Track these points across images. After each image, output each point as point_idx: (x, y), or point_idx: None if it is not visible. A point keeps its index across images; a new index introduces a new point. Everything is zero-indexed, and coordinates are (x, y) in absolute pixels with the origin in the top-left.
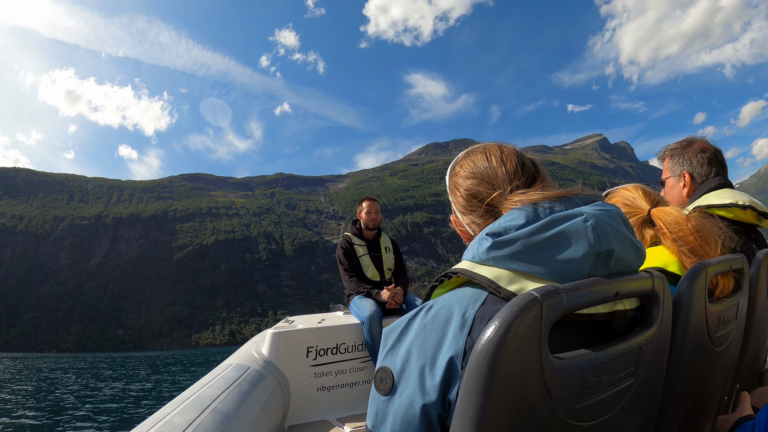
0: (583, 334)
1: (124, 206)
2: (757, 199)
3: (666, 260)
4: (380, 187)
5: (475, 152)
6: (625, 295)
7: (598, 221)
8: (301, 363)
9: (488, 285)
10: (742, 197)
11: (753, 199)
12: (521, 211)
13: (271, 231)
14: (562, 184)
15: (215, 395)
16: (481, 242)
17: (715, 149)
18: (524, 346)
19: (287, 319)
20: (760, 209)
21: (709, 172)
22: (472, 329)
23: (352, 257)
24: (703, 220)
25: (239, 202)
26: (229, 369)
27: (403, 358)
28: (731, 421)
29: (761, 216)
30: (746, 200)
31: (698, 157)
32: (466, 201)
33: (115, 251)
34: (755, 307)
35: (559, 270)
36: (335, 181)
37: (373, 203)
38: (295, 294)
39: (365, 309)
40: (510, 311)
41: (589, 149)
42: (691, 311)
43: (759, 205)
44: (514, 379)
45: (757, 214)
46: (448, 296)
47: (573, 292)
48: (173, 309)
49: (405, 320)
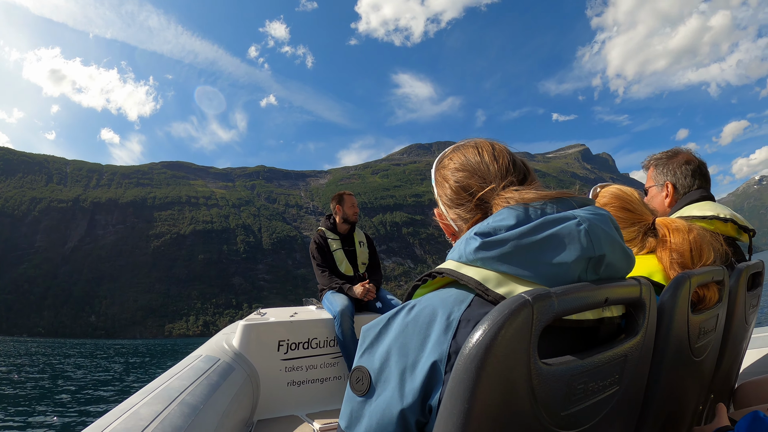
0: (569, 340)
1: (103, 191)
2: None
3: (651, 269)
4: (361, 185)
5: (466, 146)
6: (614, 302)
7: (591, 225)
8: (271, 356)
9: (476, 287)
10: (724, 210)
11: (734, 213)
12: (512, 211)
13: (250, 223)
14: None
15: (184, 387)
16: (469, 242)
17: (700, 162)
18: (514, 350)
19: (259, 311)
20: (740, 223)
21: (692, 184)
22: (457, 332)
23: (326, 252)
24: (704, 233)
25: (219, 193)
26: (198, 360)
27: (382, 358)
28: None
29: (741, 230)
30: (727, 213)
31: (682, 168)
32: (455, 193)
33: (92, 236)
34: (733, 319)
35: (549, 274)
36: (316, 176)
37: (353, 197)
38: (270, 288)
39: (337, 304)
40: (500, 314)
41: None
42: (673, 320)
43: (739, 218)
44: (501, 385)
45: (737, 227)
46: (431, 296)
47: (564, 296)
48: (148, 297)
49: (385, 319)
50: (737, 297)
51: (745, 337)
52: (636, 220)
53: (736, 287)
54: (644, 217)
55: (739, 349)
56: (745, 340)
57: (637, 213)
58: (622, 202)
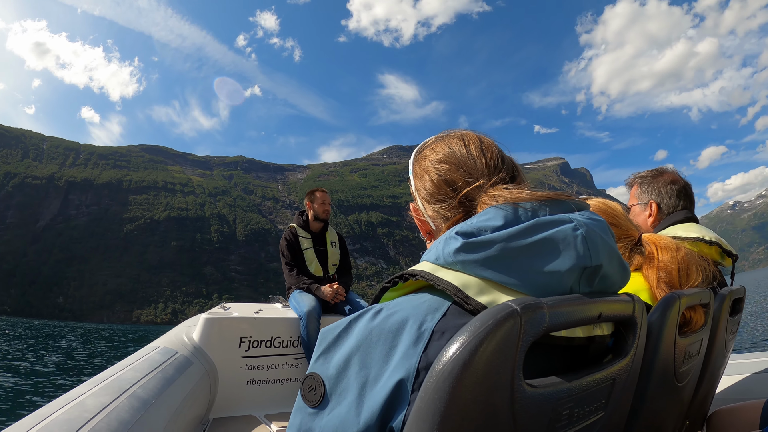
0: (555, 358)
1: (79, 170)
2: None
3: (638, 287)
4: (339, 183)
5: (451, 137)
6: (607, 318)
7: (589, 231)
8: (232, 353)
9: (454, 293)
10: (709, 233)
11: (719, 237)
12: (500, 211)
13: (225, 213)
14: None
15: (136, 378)
16: (449, 242)
17: (685, 182)
18: (495, 368)
19: (223, 305)
20: (725, 247)
21: (677, 204)
22: (428, 345)
23: (296, 250)
24: (692, 252)
25: (196, 180)
26: (155, 352)
27: (339, 366)
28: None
29: (725, 254)
30: (713, 236)
31: (668, 188)
32: (436, 188)
33: (64, 215)
34: (714, 344)
35: (538, 283)
36: (295, 171)
37: (326, 194)
38: (242, 279)
39: (304, 304)
40: (483, 324)
41: (549, 171)
42: (661, 342)
43: (724, 243)
44: (478, 409)
45: (721, 251)
46: (401, 301)
47: (556, 308)
48: (117, 282)
49: (346, 321)
50: (720, 322)
51: (723, 363)
52: (622, 236)
53: (720, 312)
54: (630, 232)
55: (717, 375)
56: (723, 366)
57: (622, 228)
58: (606, 216)
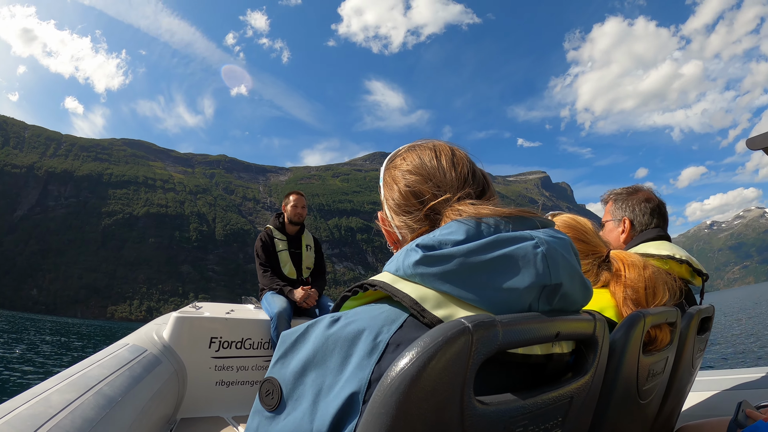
0: (512, 375)
1: (59, 161)
2: None
3: (603, 304)
4: (321, 187)
5: (423, 147)
6: (565, 337)
7: (550, 249)
8: (202, 353)
9: (411, 305)
10: (680, 251)
11: (689, 255)
12: (461, 225)
13: (205, 212)
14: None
15: (103, 376)
16: (410, 254)
17: (660, 201)
18: (445, 384)
19: (194, 305)
20: (695, 266)
21: (650, 222)
22: (382, 357)
23: (270, 251)
24: (659, 269)
25: (177, 178)
26: (123, 349)
27: (296, 372)
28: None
29: (695, 273)
30: (683, 255)
31: (641, 205)
32: (403, 199)
33: (42, 206)
34: (680, 362)
35: (497, 299)
36: (277, 173)
37: (300, 197)
38: (219, 279)
39: (275, 306)
40: (432, 340)
41: (530, 184)
42: (624, 361)
43: (694, 261)
44: (427, 424)
45: (691, 270)
46: (360, 311)
47: (511, 326)
48: (93, 276)
49: (304, 326)
50: (687, 340)
51: (689, 380)
52: (590, 252)
53: (687, 331)
54: (598, 248)
55: (683, 392)
56: (690, 383)
57: (591, 244)
58: (575, 232)
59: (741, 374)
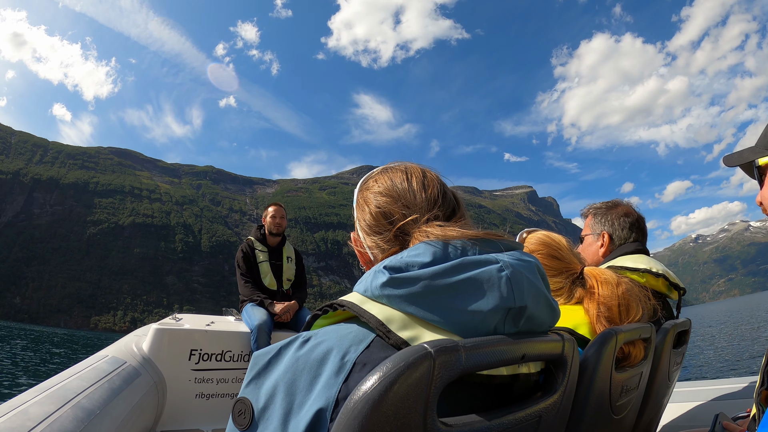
0: (478, 395)
1: (45, 168)
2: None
3: (577, 321)
4: (307, 199)
5: (395, 170)
6: (532, 359)
7: (515, 273)
8: (182, 365)
9: (377, 326)
10: (657, 265)
11: (666, 269)
12: (429, 247)
13: (191, 223)
14: (484, 228)
15: (82, 388)
16: (377, 275)
17: (639, 216)
18: (407, 408)
19: (174, 316)
20: (672, 279)
21: (629, 236)
22: (349, 376)
23: (251, 262)
24: (632, 286)
25: (164, 188)
26: (102, 361)
27: (267, 393)
28: None
29: (672, 287)
30: (660, 269)
31: (621, 220)
32: (374, 219)
33: (27, 213)
34: (656, 377)
35: (462, 321)
36: (264, 185)
37: (279, 209)
38: (204, 291)
39: (256, 318)
40: (394, 365)
41: (517, 199)
42: (595, 378)
43: (671, 275)
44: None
45: (668, 284)
46: (328, 330)
47: (474, 350)
48: (76, 285)
49: (276, 348)
50: (662, 355)
51: (666, 393)
52: (564, 269)
53: (662, 345)
54: (572, 265)
55: (660, 404)
56: (667, 396)
57: (565, 261)
58: (549, 249)
59: (720, 385)
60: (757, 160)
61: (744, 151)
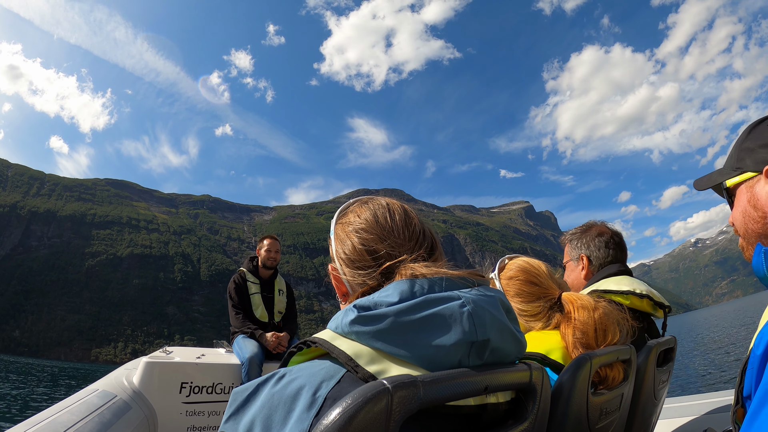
0: (447, 426)
1: (42, 200)
2: (668, 276)
3: (551, 346)
4: (305, 225)
5: (376, 204)
6: (495, 389)
7: (476, 308)
8: (173, 398)
9: (346, 362)
10: (640, 285)
11: (650, 289)
12: (397, 286)
13: (189, 253)
14: (484, 246)
15: (71, 422)
16: (347, 313)
17: (613, 232)
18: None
19: (165, 349)
20: (656, 299)
21: (607, 255)
22: (320, 411)
23: (243, 294)
24: (610, 309)
25: (161, 218)
26: (93, 395)
27: (246, 427)
28: None
29: (656, 306)
30: (643, 289)
31: (595, 240)
32: (357, 254)
33: (25, 246)
34: (641, 395)
35: (426, 355)
36: (261, 212)
37: (275, 242)
38: (205, 320)
39: (247, 350)
40: (354, 401)
41: (514, 214)
42: (570, 403)
43: (655, 294)
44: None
45: (653, 303)
46: (302, 368)
47: (434, 384)
48: (76, 318)
49: (254, 384)
50: (646, 374)
51: (654, 411)
52: (542, 295)
53: (645, 364)
54: (550, 291)
55: (648, 423)
56: (654, 414)
57: (543, 287)
58: (527, 275)
59: (712, 398)
60: (725, 182)
61: (712, 174)
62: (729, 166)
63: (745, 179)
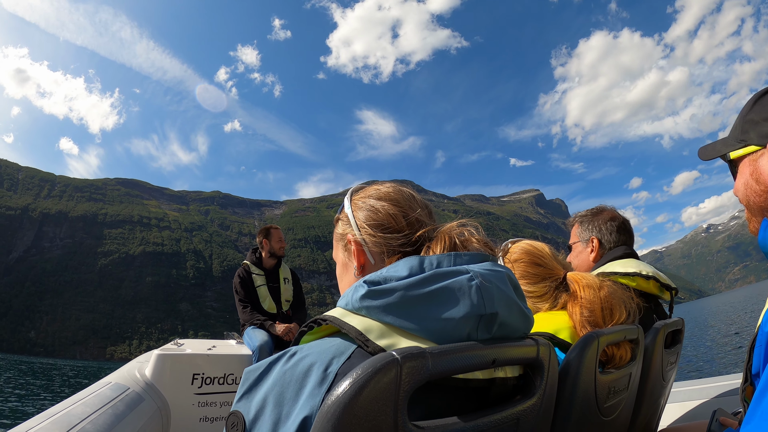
0: (457, 399)
1: (54, 202)
2: (680, 262)
3: (559, 326)
4: (316, 218)
5: (389, 185)
6: (504, 363)
7: (485, 282)
8: (185, 389)
9: (356, 337)
10: (646, 268)
11: (656, 271)
12: (407, 262)
13: (201, 249)
14: (495, 235)
15: (85, 414)
16: (357, 289)
17: (624, 218)
18: (377, 411)
19: (176, 342)
20: (662, 281)
21: (617, 239)
22: (332, 386)
23: (249, 287)
24: (615, 289)
25: (172, 215)
26: (106, 387)
27: (258, 405)
28: None
29: (663, 287)
30: (650, 271)
31: (608, 224)
32: (390, 219)
33: (38, 248)
34: (649, 376)
35: (436, 328)
36: (272, 206)
37: (280, 231)
38: (218, 316)
39: (256, 339)
40: (364, 372)
41: (525, 203)
42: (579, 381)
43: (662, 276)
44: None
45: (659, 285)
46: (313, 345)
47: (442, 356)
48: (91, 317)
49: (266, 363)
50: (654, 355)
51: (662, 393)
52: (547, 275)
53: (653, 345)
54: (555, 272)
55: (657, 405)
56: (663, 396)
57: (547, 268)
58: (532, 257)
59: (722, 381)
60: (728, 154)
61: (717, 144)
62: (733, 138)
63: (749, 152)
